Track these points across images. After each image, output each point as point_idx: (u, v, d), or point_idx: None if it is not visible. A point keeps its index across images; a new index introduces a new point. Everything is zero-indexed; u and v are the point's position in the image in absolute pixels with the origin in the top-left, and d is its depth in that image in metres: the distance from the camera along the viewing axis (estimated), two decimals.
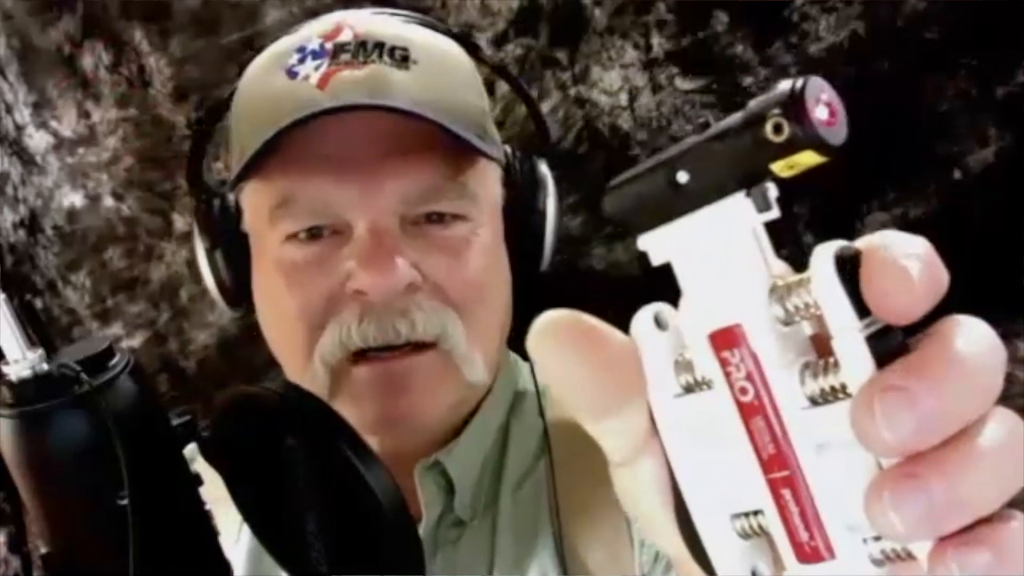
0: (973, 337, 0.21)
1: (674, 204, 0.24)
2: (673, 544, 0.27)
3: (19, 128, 1.34)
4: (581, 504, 0.60)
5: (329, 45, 0.59)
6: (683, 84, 1.31)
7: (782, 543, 0.24)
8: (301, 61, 0.59)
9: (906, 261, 0.21)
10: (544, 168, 0.66)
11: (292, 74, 0.58)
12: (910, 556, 0.22)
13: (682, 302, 0.24)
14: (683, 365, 0.25)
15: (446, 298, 0.59)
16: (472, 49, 0.65)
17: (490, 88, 1.34)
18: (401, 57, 0.58)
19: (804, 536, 0.23)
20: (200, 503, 0.47)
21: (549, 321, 0.25)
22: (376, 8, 0.65)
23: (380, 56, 0.58)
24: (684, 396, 0.25)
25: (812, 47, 1.24)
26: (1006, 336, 1.26)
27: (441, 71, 0.60)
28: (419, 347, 0.58)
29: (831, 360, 0.22)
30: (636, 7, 1.27)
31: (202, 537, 0.48)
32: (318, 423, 0.47)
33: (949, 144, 1.24)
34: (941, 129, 1.24)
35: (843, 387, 0.22)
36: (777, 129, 0.21)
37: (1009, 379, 1.30)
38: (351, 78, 0.57)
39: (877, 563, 0.23)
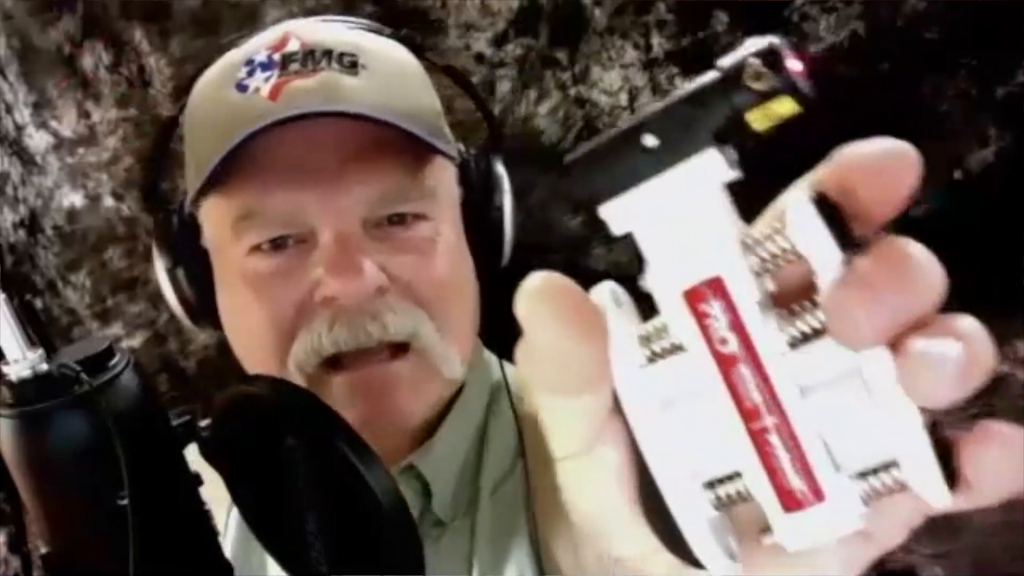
0: (914, 245, 0.22)
1: (641, 169, 0.24)
2: (629, 540, 0.27)
3: (19, 128, 1.34)
4: (556, 505, 0.60)
5: (277, 56, 0.59)
6: (683, 84, 1.31)
7: (766, 498, 0.24)
8: (250, 74, 0.59)
9: (886, 154, 0.23)
10: (499, 165, 0.66)
11: (242, 88, 0.58)
12: (897, 488, 0.23)
13: (649, 267, 0.24)
14: (645, 337, 0.25)
15: (416, 298, 0.59)
16: (419, 52, 0.65)
17: (490, 88, 1.34)
18: (350, 63, 0.58)
19: (795, 481, 0.24)
20: (200, 503, 0.47)
21: (540, 282, 0.25)
22: (333, 15, 0.66)
23: (329, 63, 0.58)
24: (648, 366, 0.25)
25: (812, 47, 1.24)
26: (1006, 336, 1.26)
27: (391, 74, 0.60)
28: (395, 352, 0.58)
29: (807, 303, 0.23)
30: (636, 7, 1.27)
31: (202, 537, 0.48)
32: (318, 423, 0.47)
33: (949, 144, 1.24)
34: (941, 129, 1.24)
35: (824, 327, 0.23)
36: (757, 76, 0.22)
37: (1009, 379, 1.30)
38: (302, 87, 0.57)
39: (865, 499, 0.24)
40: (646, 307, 0.26)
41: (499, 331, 0.61)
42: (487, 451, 0.65)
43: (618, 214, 0.24)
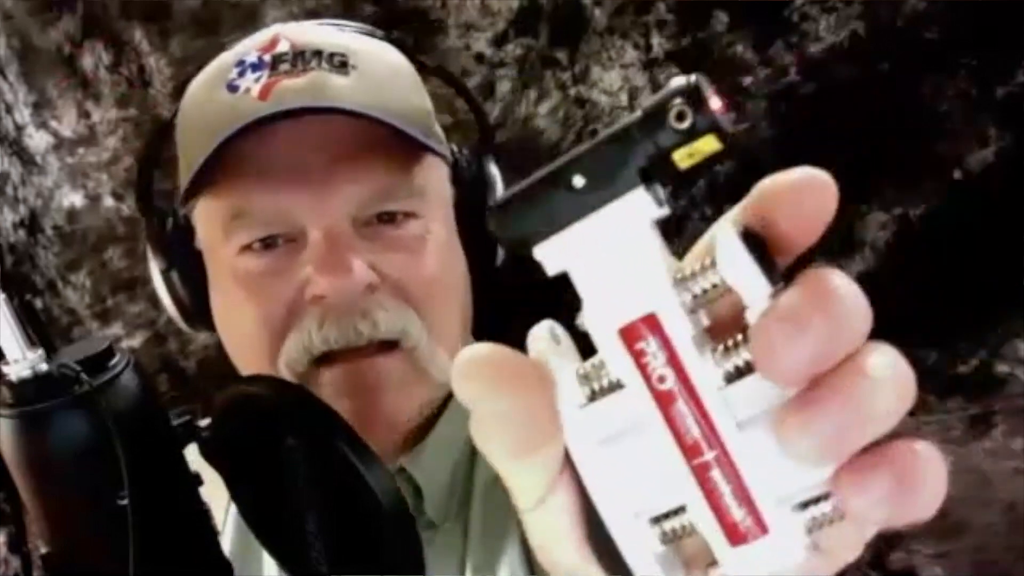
0: (839, 276, 0.22)
1: (570, 209, 0.24)
2: None
3: (19, 128, 1.34)
4: None
5: (267, 57, 0.59)
6: None
7: (711, 531, 0.24)
8: (241, 75, 0.59)
9: (802, 183, 0.23)
10: (492, 165, 0.66)
11: (233, 88, 0.59)
12: (838, 516, 0.23)
13: (585, 306, 0.25)
14: (584, 376, 0.25)
15: (406, 296, 0.59)
16: (411, 53, 0.65)
17: (490, 89, 1.34)
18: (340, 63, 0.59)
19: (738, 515, 0.24)
20: (200, 503, 0.47)
21: (472, 357, 0.25)
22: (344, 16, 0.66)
23: (319, 63, 0.58)
24: (589, 405, 0.25)
25: (812, 47, 1.24)
26: (1006, 336, 1.26)
27: (381, 74, 0.60)
28: (384, 348, 0.59)
29: (740, 337, 0.23)
30: (636, 7, 1.27)
31: (202, 537, 0.48)
32: (318, 423, 0.47)
33: (949, 144, 1.24)
34: (941, 129, 1.24)
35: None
36: (680, 116, 0.22)
37: (1009, 379, 1.30)
38: (292, 86, 0.57)
39: (808, 530, 0.24)
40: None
41: (493, 331, 0.61)
42: (479, 453, 0.65)
43: (550, 254, 0.25)
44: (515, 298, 0.63)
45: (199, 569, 0.47)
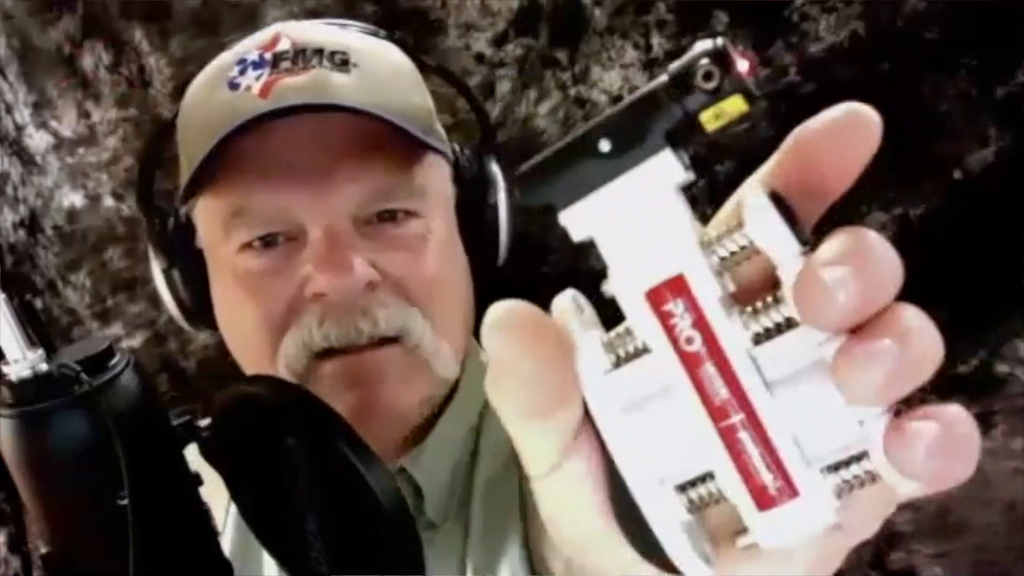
0: (873, 233, 0.23)
1: (596, 174, 0.24)
2: (608, 553, 0.27)
3: (19, 128, 1.34)
4: None
5: (268, 55, 0.59)
6: None
7: (740, 496, 0.24)
8: (242, 72, 0.59)
9: (848, 120, 0.24)
10: (493, 164, 0.66)
11: (234, 86, 0.59)
12: (868, 479, 0.23)
13: (611, 270, 0.24)
14: (609, 343, 0.25)
15: (407, 294, 0.59)
16: (412, 52, 0.65)
17: (490, 89, 1.34)
18: (341, 61, 0.59)
19: (767, 478, 0.24)
20: (200, 503, 0.47)
21: (500, 312, 0.25)
22: (346, 15, 0.66)
23: (320, 61, 0.58)
24: (614, 371, 0.25)
25: (812, 47, 1.24)
26: (1006, 336, 1.26)
27: (382, 73, 0.60)
28: (385, 341, 0.58)
29: (769, 299, 0.23)
30: (636, 7, 1.27)
31: (202, 537, 0.48)
32: (318, 423, 0.47)
33: (949, 144, 1.24)
34: (941, 129, 1.24)
35: (788, 321, 0.23)
36: (707, 76, 0.22)
37: (1009, 379, 1.30)
38: (293, 84, 0.57)
39: (838, 492, 0.24)
40: (611, 315, 0.26)
41: None
42: (480, 452, 0.65)
43: (576, 220, 0.25)
44: (523, 299, 0.63)
45: (199, 569, 0.47)
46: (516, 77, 1.29)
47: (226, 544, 0.62)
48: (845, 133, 0.23)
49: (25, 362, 0.42)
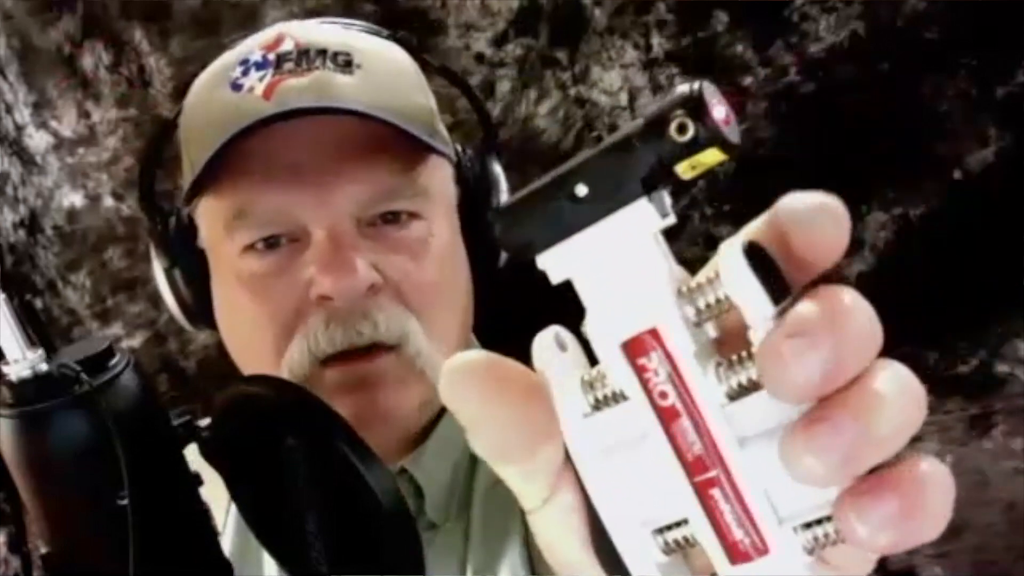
0: (849, 293, 0.22)
1: (573, 218, 0.24)
2: None
3: (19, 128, 1.34)
4: None
5: (271, 55, 0.59)
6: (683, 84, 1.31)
7: (712, 548, 0.24)
8: (245, 73, 0.59)
9: (820, 208, 0.22)
10: (496, 165, 0.66)
11: (236, 87, 0.58)
12: (841, 540, 0.23)
13: (588, 317, 0.24)
14: (589, 383, 0.25)
15: (405, 300, 0.59)
16: (415, 52, 0.65)
17: (490, 89, 1.34)
18: (344, 62, 0.58)
19: (739, 534, 0.23)
20: (200, 503, 0.47)
21: (458, 365, 0.25)
22: (344, 16, 0.66)
23: (323, 62, 0.58)
24: (593, 414, 0.25)
25: (812, 47, 1.24)
26: (1006, 336, 1.26)
27: (385, 73, 0.60)
28: (385, 347, 0.58)
29: (744, 354, 0.23)
30: (636, 7, 1.27)
31: (202, 537, 0.48)
32: (318, 423, 0.47)
33: (949, 144, 1.24)
34: (941, 129, 1.24)
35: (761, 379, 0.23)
36: (681, 129, 0.22)
37: (1009, 379, 1.30)
38: (296, 85, 0.57)
39: (808, 550, 0.23)
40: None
41: (496, 331, 0.61)
42: None
43: (554, 264, 0.24)
44: (518, 298, 0.63)
45: (199, 569, 0.47)
46: (516, 77, 1.29)
47: (226, 544, 0.62)
48: (815, 221, 0.22)
49: (25, 362, 0.42)
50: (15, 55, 1.32)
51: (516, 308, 0.63)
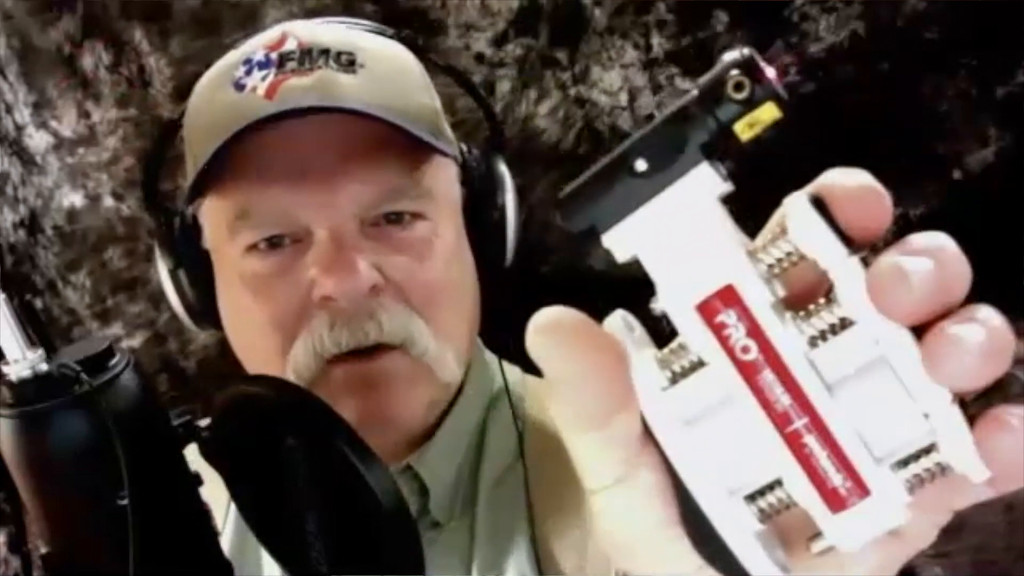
0: (945, 235, 0.23)
1: (635, 194, 0.24)
2: (671, 563, 0.26)
3: (19, 128, 1.34)
4: (556, 507, 0.60)
5: (274, 55, 0.59)
6: (683, 84, 1.31)
7: (810, 500, 0.24)
8: (248, 73, 0.59)
9: (865, 185, 0.24)
10: (501, 165, 0.66)
11: (239, 87, 0.58)
12: (938, 472, 0.23)
13: (659, 287, 0.24)
14: (662, 360, 0.25)
15: (409, 301, 0.59)
16: (419, 52, 0.65)
17: (490, 89, 1.34)
18: (347, 61, 0.58)
19: (837, 480, 0.23)
20: (200, 503, 0.47)
21: (551, 318, 0.25)
22: (346, 16, 0.65)
23: (326, 62, 0.58)
24: (671, 388, 0.25)
25: (812, 47, 1.24)
26: None
27: (389, 73, 0.60)
28: (391, 347, 0.58)
29: (822, 301, 0.23)
30: (636, 7, 1.27)
31: (202, 537, 0.48)
32: (318, 423, 0.47)
33: (949, 144, 1.24)
34: (941, 129, 1.24)
35: (842, 322, 0.23)
36: (738, 87, 0.23)
37: (1009, 379, 1.30)
38: (298, 85, 0.57)
39: (909, 488, 0.23)
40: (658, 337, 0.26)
41: (501, 332, 0.61)
42: (486, 451, 0.64)
43: (619, 241, 0.25)
44: (524, 299, 0.63)
45: (199, 569, 0.47)
46: (516, 77, 1.29)
47: (226, 544, 0.62)
48: (867, 198, 0.24)
49: (25, 362, 0.42)
50: (15, 55, 1.32)
51: (520, 310, 0.63)
